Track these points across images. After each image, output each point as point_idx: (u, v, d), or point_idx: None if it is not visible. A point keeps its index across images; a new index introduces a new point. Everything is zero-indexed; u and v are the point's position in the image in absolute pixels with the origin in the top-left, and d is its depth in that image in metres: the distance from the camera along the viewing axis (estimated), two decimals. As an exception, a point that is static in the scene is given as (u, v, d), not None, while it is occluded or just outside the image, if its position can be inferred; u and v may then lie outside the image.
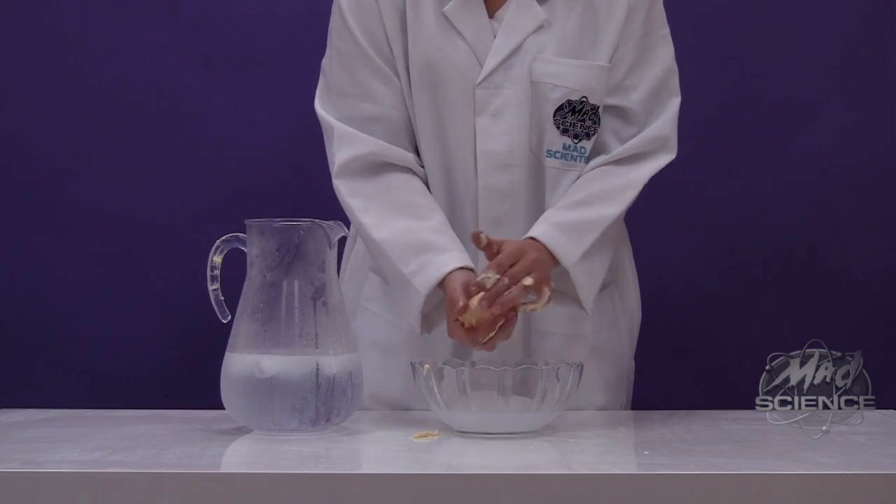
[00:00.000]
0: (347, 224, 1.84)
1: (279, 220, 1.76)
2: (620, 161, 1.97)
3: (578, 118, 1.96)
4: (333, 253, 1.77)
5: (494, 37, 1.96)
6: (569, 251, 1.88)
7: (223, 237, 1.79)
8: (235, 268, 1.81)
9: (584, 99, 1.95)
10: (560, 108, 1.95)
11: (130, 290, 2.54)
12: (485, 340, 1.78)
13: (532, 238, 1.88)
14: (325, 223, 1.76)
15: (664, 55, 1.99)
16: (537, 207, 1.97)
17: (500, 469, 1.57)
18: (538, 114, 1.96)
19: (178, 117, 2.53)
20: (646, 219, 2.07)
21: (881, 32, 2.53)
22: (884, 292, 2.53)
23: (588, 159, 1.98)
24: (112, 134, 2.54)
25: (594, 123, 1.97)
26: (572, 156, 1.97)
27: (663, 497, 1.44)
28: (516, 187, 1.96)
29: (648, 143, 1.98)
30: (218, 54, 2.54)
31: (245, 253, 1.77)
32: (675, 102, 1.99)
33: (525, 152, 1.96)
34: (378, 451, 1.71)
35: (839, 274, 2.54)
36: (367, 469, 1.62)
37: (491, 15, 1.97)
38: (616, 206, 1.93)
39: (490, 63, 1.95)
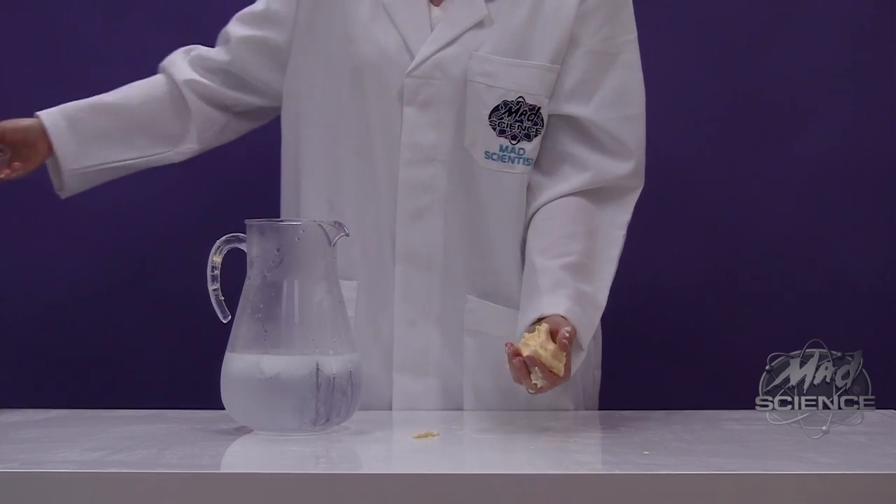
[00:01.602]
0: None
1: (279, 220, 1.76)
2: (598, 198, 1.94)
3: (516, 119, 1.93)
4: (334, 253, 1.77)
5: (431, 27, 1.95)
6: (587, 329, 1.84)
7: (223, 237, 1.79)
8: (235, 268, 1.81)
9: (520, 99, 1.93)
10: (496, 109, 1.93)
11: (130, 290, 2.54)
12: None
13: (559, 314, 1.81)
14: (325, 223, 1.76)
15: (625, 61, 1.95)
16: (461, 204, 1.95)
17: (500, 469, 1.57)
18: (473, 114, 1.93)
19: (178, 117, 2.53)
20: (645, 218, 2.06)
21: (881, 32, 2.53)
22: (884, 292, 2.53)
23: (532, 162, 1.94)
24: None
25: (534, 124, 1.94)
26: (509, 157, 1.94)
27: (663, 497, 1.44)
28: (438, 181, 1.95)
29: (625, 178, 1.95)
30: (218, 54, 2.53)
31: (245, 253, 1.77)
32: (640, 117, 1.96)
33: (451, 148, 1.94)
34: (378, 451, 1.71)
35: (839, 274, 2.53)
36: (367, 469, 1.62)
37: (436, 3, 1.96)
38: (611, 269, 1.92)
39: (424, 52, 1.93)
